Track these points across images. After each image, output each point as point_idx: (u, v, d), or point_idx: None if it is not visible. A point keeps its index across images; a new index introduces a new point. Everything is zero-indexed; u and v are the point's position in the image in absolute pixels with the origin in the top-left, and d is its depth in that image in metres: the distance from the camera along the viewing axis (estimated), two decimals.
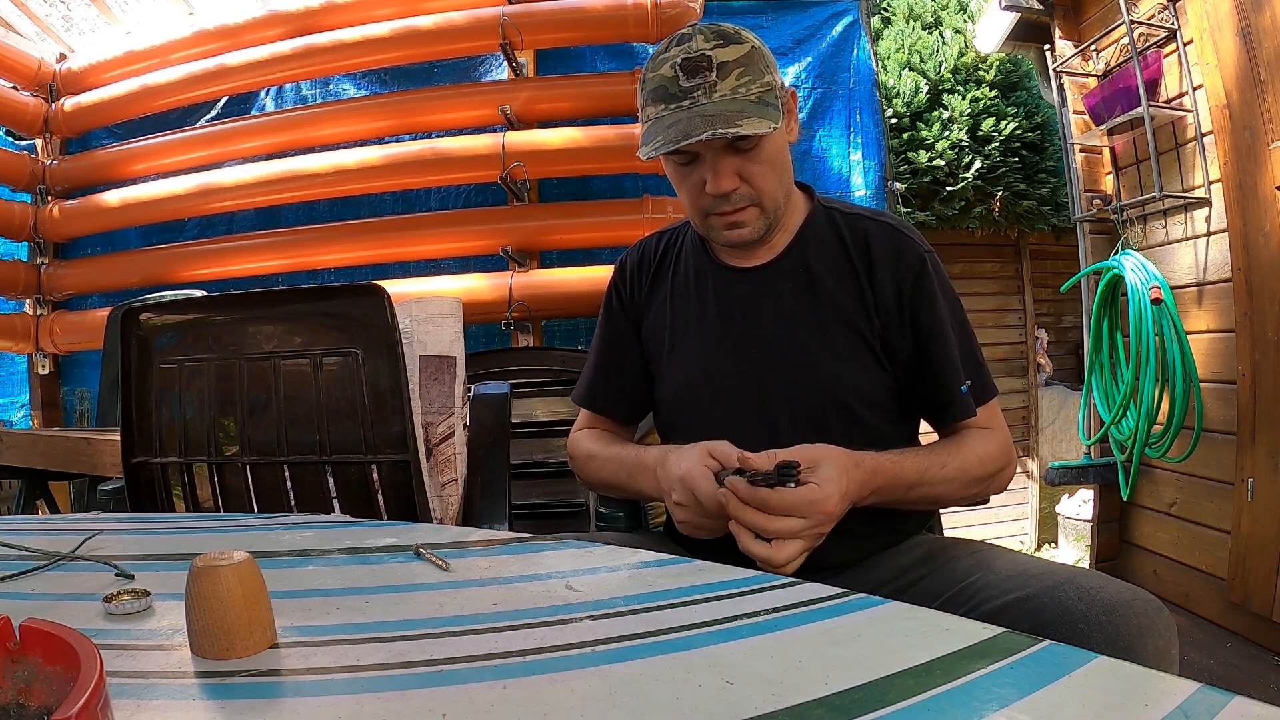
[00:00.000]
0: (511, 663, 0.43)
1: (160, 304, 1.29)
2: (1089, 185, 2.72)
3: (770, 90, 0.85)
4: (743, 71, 0.84)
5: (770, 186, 0.89)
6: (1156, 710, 0.36)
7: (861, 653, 0.44)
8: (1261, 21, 1.94)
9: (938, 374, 0.90)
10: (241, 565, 0.45)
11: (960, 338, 0.92)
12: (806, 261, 0.95)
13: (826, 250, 0.95)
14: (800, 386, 0.91)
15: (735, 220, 0.89)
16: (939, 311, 0.91)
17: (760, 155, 0.87)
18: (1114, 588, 0.64)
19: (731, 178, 0.87)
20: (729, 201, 0.88)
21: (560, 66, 2.91)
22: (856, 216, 0.96)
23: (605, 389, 1.07)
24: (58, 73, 3.24)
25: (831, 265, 0.94)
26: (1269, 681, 1.86)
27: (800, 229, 0.97)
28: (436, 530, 0.75)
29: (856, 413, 0.90)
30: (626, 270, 1.07)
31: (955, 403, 0.90)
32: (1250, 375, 2.04)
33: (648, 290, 1.04)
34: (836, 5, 2.87)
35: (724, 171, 0.86)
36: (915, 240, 0.93)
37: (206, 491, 1.18)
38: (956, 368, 0.90)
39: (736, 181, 0.87)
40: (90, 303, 3.20)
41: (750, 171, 0.87)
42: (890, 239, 0.93)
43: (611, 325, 1.07)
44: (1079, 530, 3.15)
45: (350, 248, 2.80)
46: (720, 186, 0.86)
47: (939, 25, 3.97)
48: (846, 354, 0.91)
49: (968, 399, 0.90)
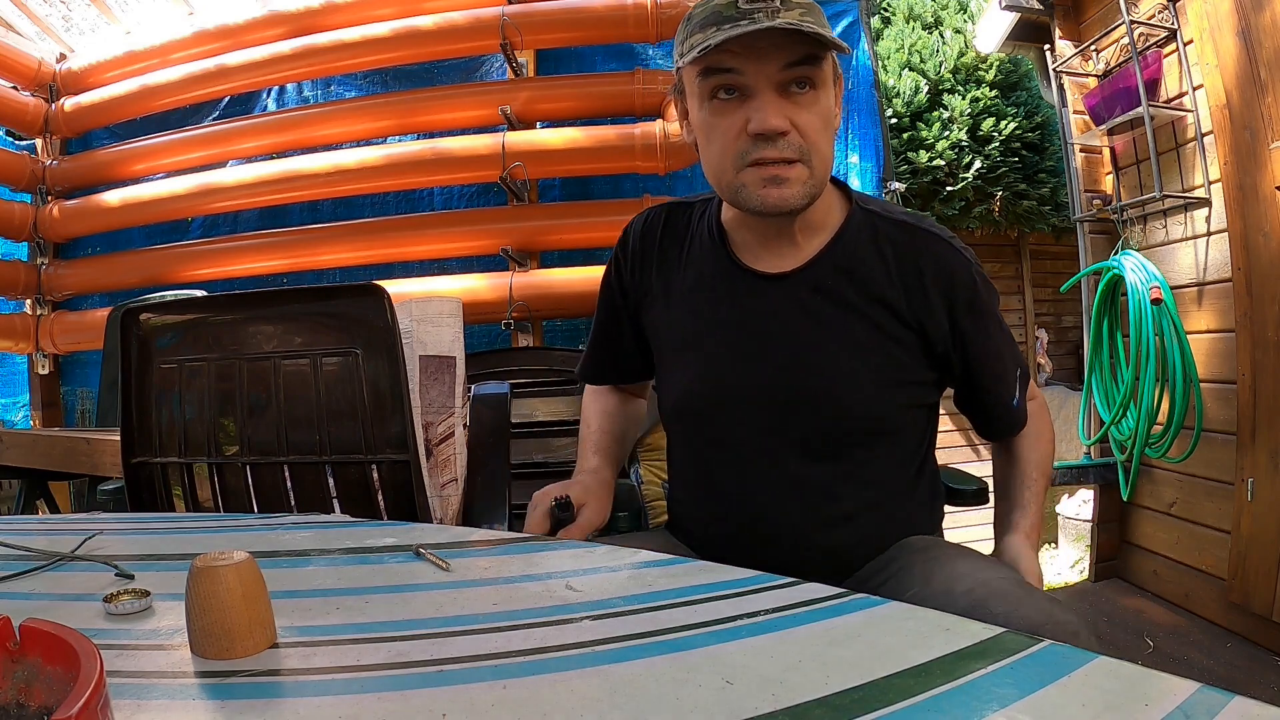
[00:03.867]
0: (511, 663, 0.43)
1: (160, 304, 1.29)
2: (1089, 185, 2.72)
3: (832, 35, 0.75)
4: (807, 11, 0.74)
5: (823, 145, 0.78)
6: (1156, 710, 0.36)
7: (861, 653, 0.44)
8: (1261, 21, 1.93)
9: (990, 392, 0.89)
10: (241, 565, 0.45)
11: (1009, 349, 0.90)
12: (844, 273, 0.83)
13: (867, 261, 0.84)
14: (821, 415, 0.83)
15: (780, 174, 0.76)
16: (990, 330, 0.87)
17: (815, 105, 0.76)
18: (1025, 611, 0.61)
19: (782, 117, 0.74)
20: (775, 147, 0.75)
21: (560, 66, 2.91)
22: (901, 224, 0.85)
23: (604, 362, 1.05)
24: (58, 73, 3.24)
25: (873, 279, 0.83)
26: (1269, 681, 1.86)
27: (837, 233, 0.85)
28: (436, 530, 0.75)
29: (877, 445, 0.85)
30: (630, 244, 0.97)
31: (1006, 417, 0.91)
32: (1250, 375, 2.04)
33: (656, 267, 0.94)
34: (836, 5, 2.87)
35: (774, 108, 0.74)
36: (967, 257, 0.85)
37: (206, 491, 1.18)
38: (1010, 386, 0.89)
39: (787, 124, 0.75)
40: (90, 303, 3.20)
41: (803, 120, 0.75)
42: (941, 254, 0.84)
43: (609, 299, 1.00)
44: (1079, 530, 3.15)
45: (350, 248, 2.80)
46: (770, 121, 0.73)
47: (939, 25, 3.97)
48: (879, 381, 0.83)
49: (1019, 411, 0.91)
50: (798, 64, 0.74)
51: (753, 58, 0.74)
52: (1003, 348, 0.89)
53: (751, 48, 0.73)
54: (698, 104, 0.80)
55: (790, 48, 0.73)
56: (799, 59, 0.74)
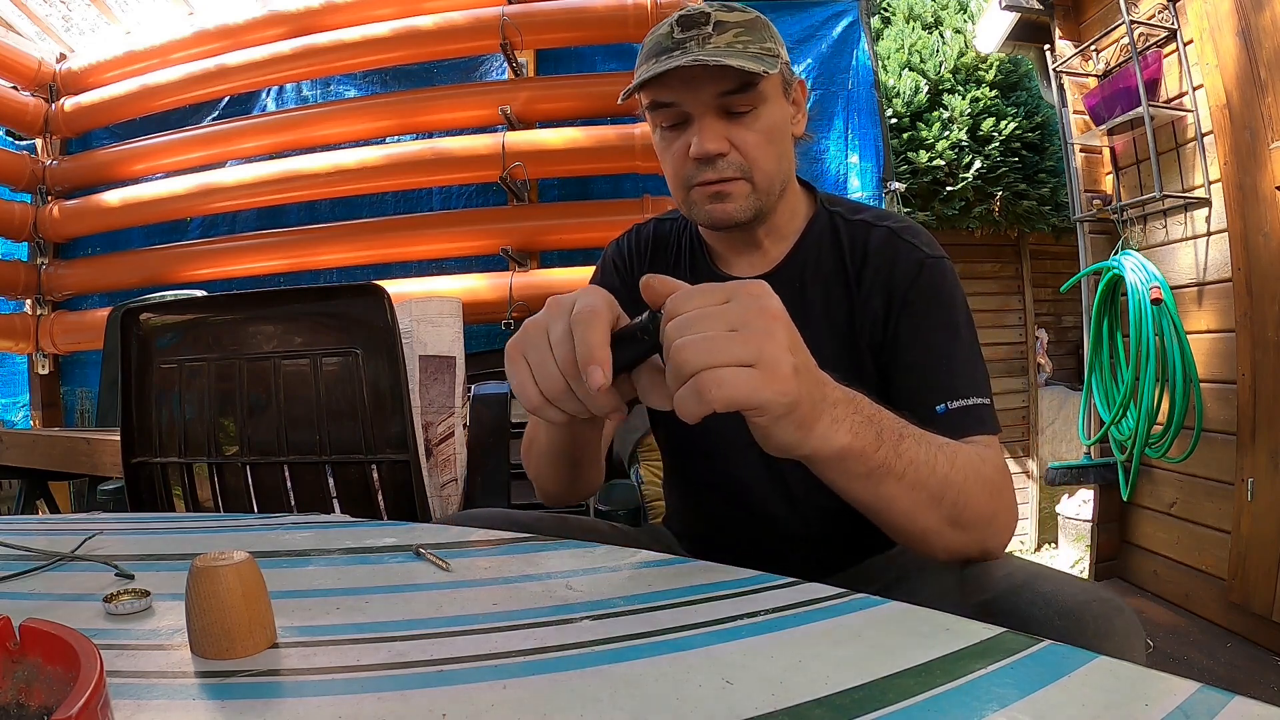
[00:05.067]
0: (511, 663, 0.43)
1: (160, 304, 1.29)
2: (1089, 185, 2.72)
3: (771, 54, 0.77)
4: (742, 32, 0.76)
5: (765, 160, 0.79)
6: (1156, 710, 0.36)
7: (861, 653, 0.44)
8: (1261, 21, 1.94)
9: (906, 388, 0.75)
10: (241, 565, 0.44)
11: (953, 355, 0.76)
12: (807, 275, 0.84)
13: (824, 262, 0.84)
14: None
15: (720, 191, 0.79)
16: (926, 320, 0.77)
17: (755, 124, 0.78)
18: (1070, 590, 0.58)
19: (719, 140, 0.77)
20: (714, 169, 0.78)
21: (560, 66, 2.91)
22: (859, 222, 0.85)
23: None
24: (58, 73, 3.25)
25: (827, 280, 0.83)
26: (1269, 681, 1.86)
27: (801, 236, 0.86)
28: (436, 530, 0.75)
29: None
30: (626, 251, 0.96)
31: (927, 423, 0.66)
32: (1250, 375, 2.04)
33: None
34: (836, 5, 2.87)
35: (712, 131, 0.77)
36: (915, 245, 0.81)
37: (206, 491, 1.18)
38: (935, 384, 0.74)
39: (725, 145, 0.77)
40: (90, 303, 3.21)
41: (743, 139, 0.77)
42: (886, 245, 0.81)
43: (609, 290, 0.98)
44: (1079, 530, 3.15)
45: (350, 248, 2.80)
46: (704, 146, 0.76)
47: (939, 25, 3.98)
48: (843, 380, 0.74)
49: (944, 422, 0.70)
50: (732, 92, 0.76)
51: (689, 88, 0.76)
52: (943, 351, 0.76)
53: (687, 80, 0.75)
54: (651, 128, 0.84)
55: (723, 77, 0.75)
56: (733, 88, 0.76)
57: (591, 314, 0.50)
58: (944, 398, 0.73)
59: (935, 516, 0.62)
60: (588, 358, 0.49)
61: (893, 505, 0.60)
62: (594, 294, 0.53)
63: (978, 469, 0.65)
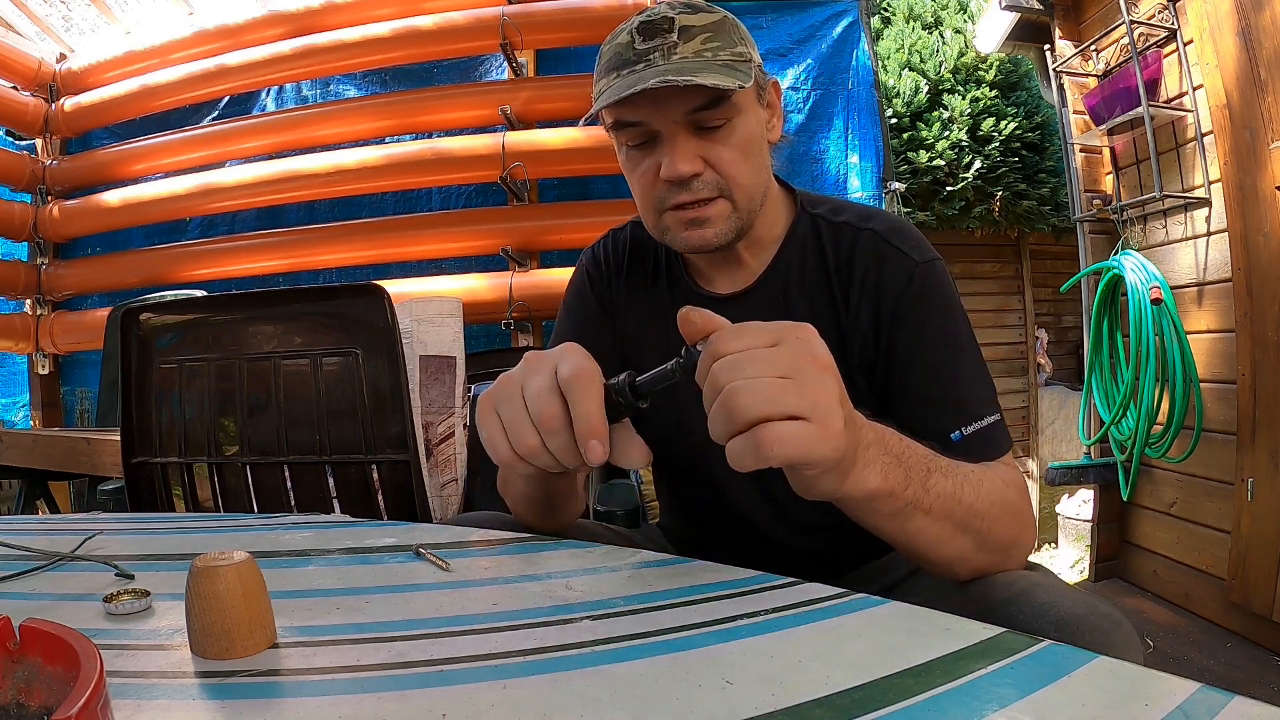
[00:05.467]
0: (511, 663, 0.43)
1: (160, 304, 1.29)
2: (1089, 185, 2.72)
3: (743, 60, 0.71)
4: (710, 37, 0.70)
5: (743, 176, 0.73)
6: (1156, 710, 0.36)
7: (861, 653, 0.44)
8: (1261, 21, 1.94)
9: (916, 417, 0.70)
10: (241, 565, 0.44)
11: (957, 373, 0.72)
12: (790, 286, 0.79)
13: (808, 271, 0.79)
14: None
15: (698, 216, 0.73)
16: (924, 337, 0.73)
17: (730, 138, 0.72)
18: (1068, 602, 0.56)
19: (693, 160, 0.71)
20: (689, 190, 0.72)
21: (560, 66, 2.91)
22: (843, 225, 0.79)
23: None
24: (58, 73, 3.25)
25: (811, 290, 0.78)
26: (1269, 681, 1.86)
27: (781, 246, 0.81)
28: (436, 530, 0.75)
29: None
30: (601, 261, 0.91)
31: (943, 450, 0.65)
32: (1250, 375, 2.04)
33: (624, 287, 0.89)
34: (836, 5, 2.87)
35: (684, 151, 0.71)
36: (904, 250, 0.75)
37: (206, 491, 1.18)
38: (946, 410, 0.70)
39: (699, 165, 0.71)
40: (90, 303, 3.21)
41: (717, 156, 0.72)
42: (873, 253, 0.76)
43: (584, 311, 0.90)
44: (1079, 530, 3.15)
45: (351, 248, 2.80)
46: (677, 168, 0.70)
47: (939, 25, 3.98)
48: None
49: (961, 449, 0.68)
50: (704, 108, 0.70)
51: (657, 107, 0.70)
52: (948, 371, 0.72)
53: (654, 97, 0.69)
54: (616, 146, 0.78)
55: (694, 93, 0.69)
56: (704, 104, 0.70)
57: (586, 380, 0.50)
58: (958, 423, 0.70)
59: (961, 545, 0.61)
60: (588, 432, 0.49)
61: (919, 537, 0.60)
62: (578, 355, 0.52)
63: (1003, 494, 0.64)
